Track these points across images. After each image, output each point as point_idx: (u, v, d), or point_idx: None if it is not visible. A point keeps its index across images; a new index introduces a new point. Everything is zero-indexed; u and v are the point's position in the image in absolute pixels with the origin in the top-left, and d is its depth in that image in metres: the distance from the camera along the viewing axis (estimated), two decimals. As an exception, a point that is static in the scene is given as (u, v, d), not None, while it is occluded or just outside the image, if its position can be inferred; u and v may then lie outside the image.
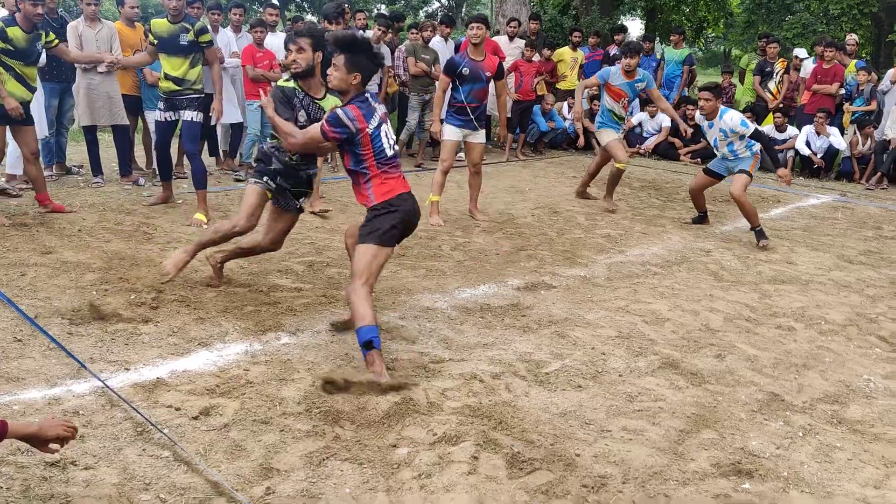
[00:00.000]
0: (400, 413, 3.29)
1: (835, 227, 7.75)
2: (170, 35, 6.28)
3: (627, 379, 3.81)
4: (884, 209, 8.84)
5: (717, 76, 13.31)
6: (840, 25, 15.70)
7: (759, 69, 11.65)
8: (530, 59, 10.85)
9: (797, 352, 4.30)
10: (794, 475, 3.00)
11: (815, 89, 10.92)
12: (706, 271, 5.82)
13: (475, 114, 6.86)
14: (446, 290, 5.00)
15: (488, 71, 6.82)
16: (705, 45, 31.64)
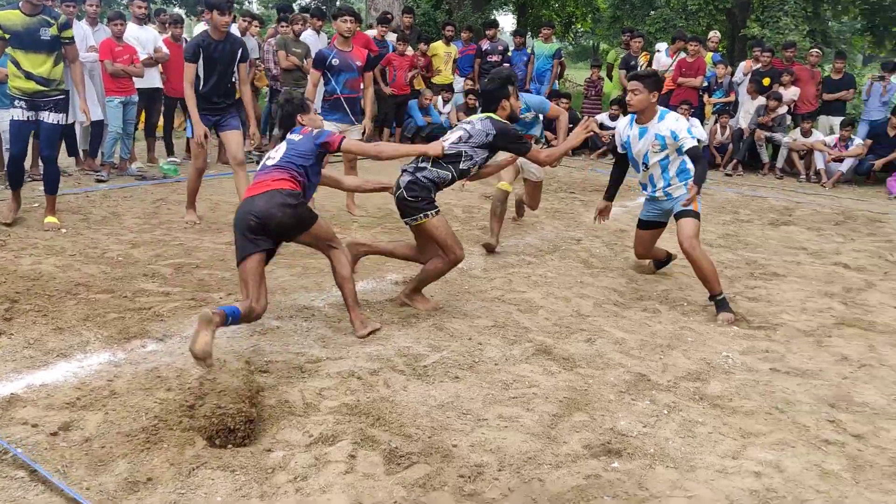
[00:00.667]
0: (274, 416, 3.22)
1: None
2: (26, 29, 5.71)
3: (503, 367, 3.88)
4: (740, 194, 9.40)
5: (587, 70, 13.73)
6: (698, 20, 16.57)
7: (624, 63, 12.11)
8: (403, 52, 10.86)
9: (662, 333, 4.51)
10: (659, 451, 3.14)
11: (681, 82, 11.46)
12: (577, 259, 6.01)
13: (350, 106, 6.79)
14: (323, 288, 4.94)
15: (358, 60, 6.78)
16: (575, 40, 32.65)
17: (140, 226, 6.24)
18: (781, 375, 3.97)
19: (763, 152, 11.07)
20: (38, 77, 5.82)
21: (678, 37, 11.93)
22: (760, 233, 7.33)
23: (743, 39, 16.59)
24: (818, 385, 3.87)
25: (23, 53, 5.75)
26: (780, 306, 5.12)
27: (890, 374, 4.09)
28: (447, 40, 12.18)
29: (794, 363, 4.15)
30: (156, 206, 6.97)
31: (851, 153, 10.49)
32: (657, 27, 16.90)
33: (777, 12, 15.74)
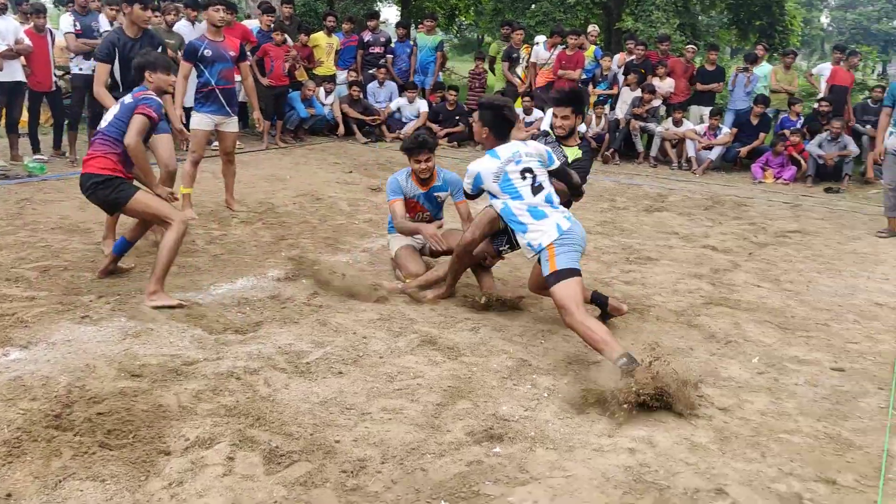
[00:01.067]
0: (148, 421, 3.09)
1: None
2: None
3: (388, 360, 3.88)
4: (617, 182, 9.74)
5: (472, 62, 13.87)
6: (576, 14, 17.03)
7: (506, 56, 12.32)
8: (280, 43, 10.63)
9: (543, 318, 4.61)
10: (540, 434, 3.21)
11: (561, 74, 11.74)
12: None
13: (226, 97, 6.56)
14: (201, 287, 4.78)
15: (232, 51, 6.55)
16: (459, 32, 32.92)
17: (3, 227, 5.85)
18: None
19: (638, 141, 11.51)
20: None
21: (556, 31, 12.22)
22: (635, 219, 7.62)
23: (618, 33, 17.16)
24: (688, 362, 4.06)
25: None
26: (653, 289, 5.34)
27: (753, 349, 4.34)
28: (329, 31, 12.02)
29: (666, 342, 4.34)
30: (20, 207, 6.55)
31: (719, 141, 11.06)
32: (537, 20, 17.26)
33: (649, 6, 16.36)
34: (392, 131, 12.04)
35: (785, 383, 3.90)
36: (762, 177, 10.52)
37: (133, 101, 4.52)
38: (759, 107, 11.07)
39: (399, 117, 12.21)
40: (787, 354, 4.28)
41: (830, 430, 3.43)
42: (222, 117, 6.59)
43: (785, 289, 5.53)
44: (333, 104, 11.76)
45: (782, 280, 5.75)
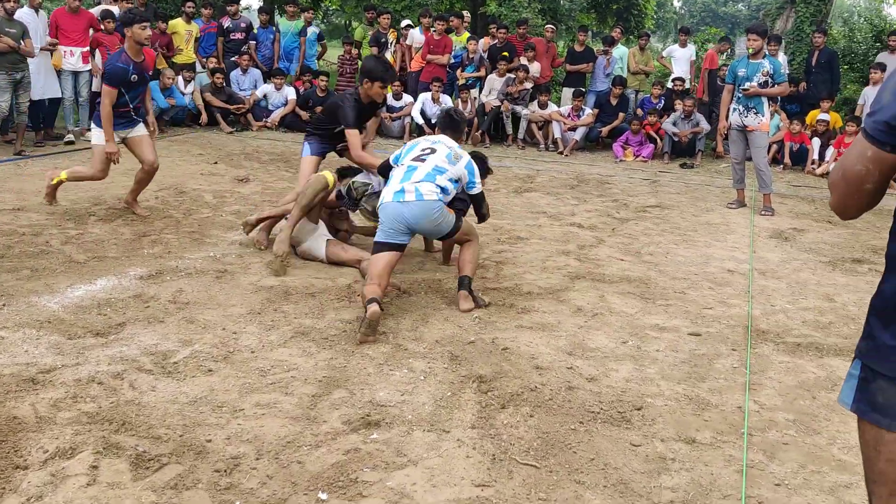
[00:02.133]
0: (2, 434, 2.90)
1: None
2: None
3: (260, 354, 3.80)
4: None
5: (340, 48, 13.69)
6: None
7: (374, 40, 12.23)
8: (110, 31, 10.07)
9: (417, 303, 4.64)
10: (416, 417, 3.24)
11: (430, 59, 11.79)
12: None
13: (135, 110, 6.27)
14: (56, 290, 4.51)
15: (149, 68, 6.23)
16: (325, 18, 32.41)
17: None
18: (525, 331, 4.26)
19: (508, 124, 11.75)
20: None
21: (424, 14, 12.27)
22: (506, 200, 7.79)
23: (483, 17, 17.41)
24: (558, 336, 4.21)
25: None
26: (524, 267, 5.48)
27: (618, 320, 4.54)
28: (188, 18, 11.56)
29: (536, 318, 4.47)
30: None
31: (583, 122, 11.45)
32: (403, 5, 17.26)
33: (511, -10, 16.68)
34: (258, 119, 11.74)
35: (647, 350, 4.10)
36: (623, 155, 10.99)
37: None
38: (618, 88, 11.54)
39: (265, 105, 11.92)
40: (649, 323, 4.51)
41: (689, 391, 3.64)
42: (132, 127, 6.29)
43: (645, 261, 5.81)
44: (194, 93, 11.34)
45: (643, 253, 6.04)
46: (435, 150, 4.64)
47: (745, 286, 5.33)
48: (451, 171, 4.57)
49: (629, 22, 20.25)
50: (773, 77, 7.62)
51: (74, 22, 9.57)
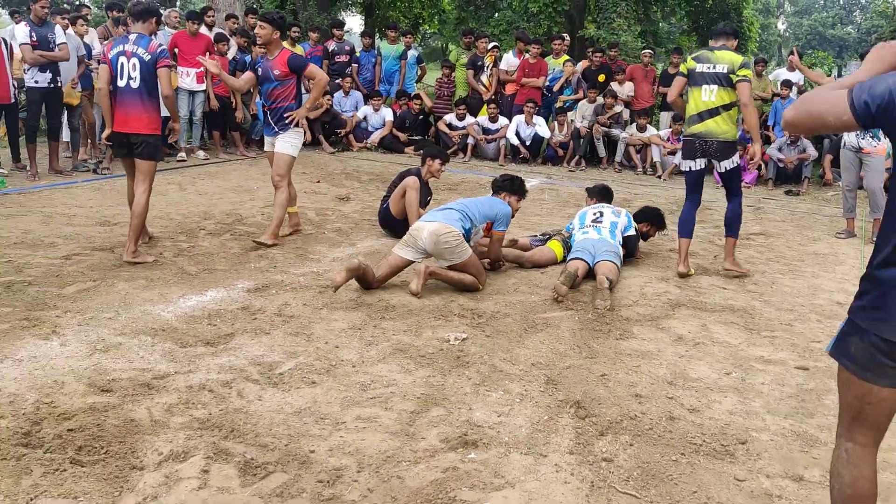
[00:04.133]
0: (120, 436, 3.06)
1: (542, 206, 8.50)
2: None
3: (361, 368, 3.88)
4: (583, 188, 9.82)
5: (438, 71, 13.90)
6: (539, 22, 17.21)
7: (471, 63, 12.39)
8: (223, 53, 10.54)
9: (512, 327, 4.65)
10: (513, 439, 3.24)
11: (524, 83, 11.85)
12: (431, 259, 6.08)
13: (273, 117, 6.25)
14: (170, 300, 4.74)
15: (277, 69, 6.14)
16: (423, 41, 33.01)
17: (-38, 243, 5.75)
18: (624, 357, 4.20)
19: (600, 147, 11.64)
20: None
21: (519, 38, 12.34)
22: (603, 224, 7.70)
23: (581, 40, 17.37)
24: (658, 364, 4.13)
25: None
26: (622, 293, 5.41)
27: (721, 350, 4.42)
28: (292, 41, 11.98)
29: (635, 345, 4.40)
30: (-20, 222, 6.44)
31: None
32: (500, 29, 17.41)
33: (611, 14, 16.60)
34: (359, 140, 12.04)
35: (752, 383, 3.97)
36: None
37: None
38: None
39: (365, 126, 12.21)
40: (754, 354, 4.37)
41: (797, 427, 3.50)
42: (270, 136, 6.41)
43: (749, 290, 5.64)
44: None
45: (746, 282, 5.86)
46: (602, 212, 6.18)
47: (856, 320, 5.09)
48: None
49: (732, 45, 19.78)
50: None
51: (193, 44, 10.09)
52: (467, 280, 5.20)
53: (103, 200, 7.49)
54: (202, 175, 9.29)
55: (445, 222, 5.14)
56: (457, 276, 5.19)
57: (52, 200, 7.37)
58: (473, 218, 5.36)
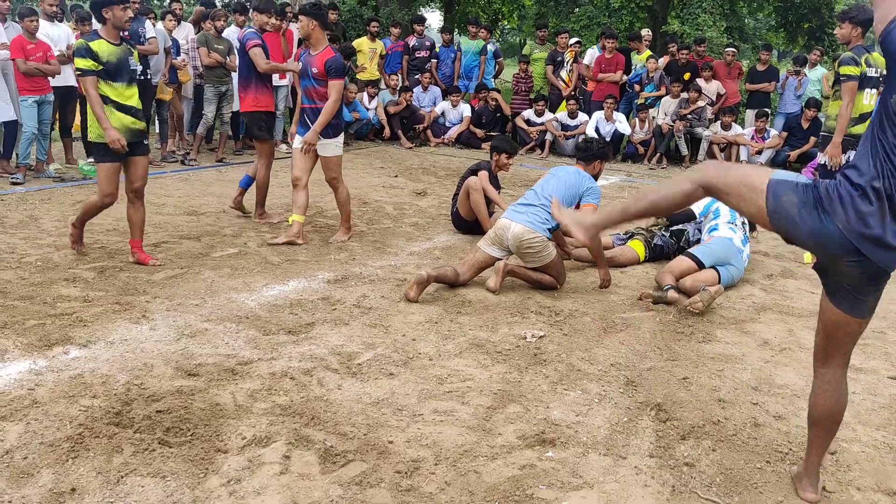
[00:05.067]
0: (205, 419, 3.15)
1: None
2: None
3: (438, 362, 3.89)
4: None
5: (515, 66, 13.84)
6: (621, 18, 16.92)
7: (550, 59, 12.28)
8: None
9: (591, 326, 4.59)
10: (592, 439, 3.20)
11: (601, 78, 11.69)
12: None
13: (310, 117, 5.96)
14: (253, 289, 4.86)
15: (315, 67, 5.86)
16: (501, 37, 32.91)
17: (59, 229, 6.02)
18: (707, 361, 4.10)
19: (682, 144, 11.37)
20: None
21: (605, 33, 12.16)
22: (684, 224, 7.51)
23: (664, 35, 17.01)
24: (742, 369, 4.01)
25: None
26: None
27: (809, 357, 4.25)
28: (372, 36, 12.12)
29: (718, 349, 4.28)
30: (75, 209, 6.72)
31: (769, 144, 10.90)
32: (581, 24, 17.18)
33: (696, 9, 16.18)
34: (437, 136, 12.09)
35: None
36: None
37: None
38: (811, 111, 10.87)
39: (443, 122, 12.25)
40: (844, 362, 4.19)
41: (889, 439, 3.35)
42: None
43: (839, 296, 5.41)
44: (377, 108, 11.85)
45: (836, 287, 5.63)
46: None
47: (956, 330, 4.84)
48: None
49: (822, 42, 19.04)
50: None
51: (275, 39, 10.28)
52: (546, 280, 5.16)
53: (191, 191, 7.73)
54: (284, 168, 9.48)
55: (531, 227, 4.98)
56: (536, 275, 5.15)
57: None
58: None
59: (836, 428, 2.81)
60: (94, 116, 4.98)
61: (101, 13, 4.99)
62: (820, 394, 2.77)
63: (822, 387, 2.76)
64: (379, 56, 12.19)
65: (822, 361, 2.76)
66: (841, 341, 2.70)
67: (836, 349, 2.72)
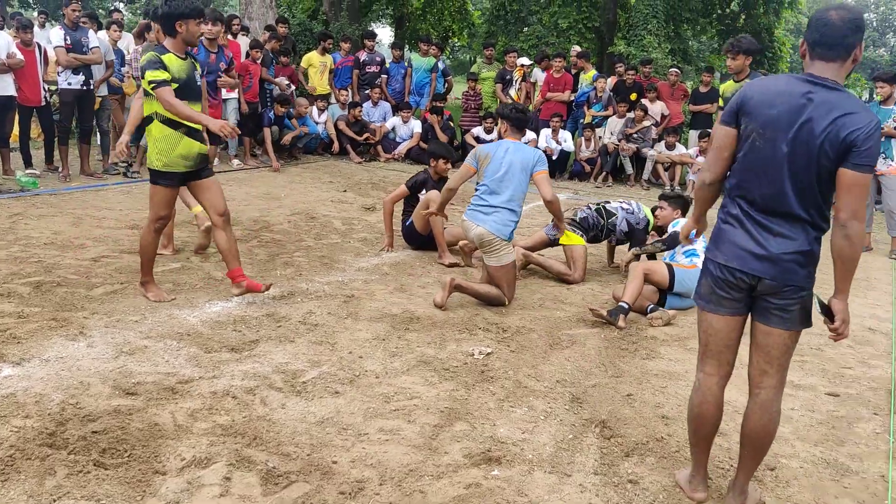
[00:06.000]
0: (143, 440, 3.06)
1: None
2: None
3: (384, 380, 3.86)
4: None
5: (464, 84, 13.94)
6: (568, 38, 17.21)
7: (500, 77, 12.40)
8: (256, 60, 10.62)
9: (537, 342, 4.61)
10: (537, 457, 3.20)
11: (549, 97, 11.85)
12: (458, 270, 6.06)
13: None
14: (196, 305, 4.75)
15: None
16: (451, 54, 33.14)
17: (-7, 242, 5.82)
18: (650, 377, 4.14)
19: (627, 163, 11.57)
20: None
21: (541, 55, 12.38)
22: (630, 241, 7.63)
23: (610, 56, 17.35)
24: (685, 385, 4.07)
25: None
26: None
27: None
28: (323, 50, 12.08)
29: (662, 366, 4.34)
30: (12, 222, 6.52)
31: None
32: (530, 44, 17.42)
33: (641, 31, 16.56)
34: (387, 151, 12.07)
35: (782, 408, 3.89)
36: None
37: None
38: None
39: (393, 137, 12.25)
40: (783, 379, 4.28)
41: (827, 455, 3.43)
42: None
43: (778, 313, 5.54)
44: (327, 122, 11.78)
45: (776, 304, 5.76)
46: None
47: (887, 346, 5.00)
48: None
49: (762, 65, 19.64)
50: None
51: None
52: (493, 293, 5.18)
53: (133, 204, 7.56)
54: (231, 181, 9.35)
55: (492, 230, 5.15)
56: (484, 289, 5.17)
57: (83, 202, 7.45)
58: (520, 201, 5.33)
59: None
60: (156, 143, 4.60)
61: (173, 26, 4.55)
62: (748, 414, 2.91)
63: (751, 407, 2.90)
64: (329, 70, 12.15)
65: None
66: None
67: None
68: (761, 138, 2.61)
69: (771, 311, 2.71)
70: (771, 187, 2.62)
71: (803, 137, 2.54)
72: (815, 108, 2.53)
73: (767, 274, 2.66)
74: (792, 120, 2.55)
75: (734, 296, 2.75)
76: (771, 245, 2.66)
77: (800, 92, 2.57)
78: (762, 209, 2.66)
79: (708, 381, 2.90)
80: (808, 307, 2.74)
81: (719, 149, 2.76)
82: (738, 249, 2.70)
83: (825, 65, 2.60)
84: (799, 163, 2.56)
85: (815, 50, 2.61)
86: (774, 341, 2.75)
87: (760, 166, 2.63)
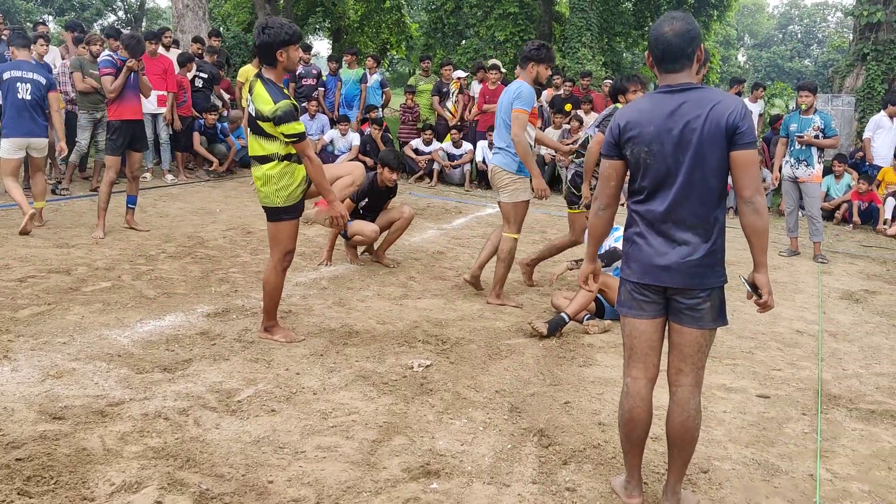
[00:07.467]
0: (71, 465, 2.96)
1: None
2: None
3: (322, 396, 3.82)
4: (548, 214, 9.91)
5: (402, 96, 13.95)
6: (506, 51, 17.40)
7: (436, 90, 12.46)
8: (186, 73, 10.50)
9: (476, 353, 4.62)
10: (476, 468, 3.20)
11: (485, 109, 11.93)
12: (397, 283, 6.05)
13: None
14: (127, 325, 4.63)
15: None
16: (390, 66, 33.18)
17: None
18: (587, 385, 4.19)
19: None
20: None
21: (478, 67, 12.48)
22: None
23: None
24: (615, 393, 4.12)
25: None
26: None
27: (682, 377, 4.43)
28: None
29: (598, 373, 4.40)
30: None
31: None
32: (468, 56, 17.56)
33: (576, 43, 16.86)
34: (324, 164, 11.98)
35: (714, 411, 3.99)
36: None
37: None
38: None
39: (332, 150, 12.17)
40: (715, 382, 4.39)
41: (759, 456, 3.52)
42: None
43: (711, 318, 5.67)
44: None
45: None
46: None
47: (814, 348, 5.17)
48: None
49: (693, 76, 20.17)
50: (823, 132, 8.02)
51: (151, 65, 9.98)
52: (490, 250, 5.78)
53: (61, 222, 7.34)
54: (164, 197, 9.17)
55: (500, 164, 5.63)
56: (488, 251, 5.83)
57: (8, 221, 7.20)
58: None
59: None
60: (277, 181, 4.30)
61: (273, 55, 4.22)
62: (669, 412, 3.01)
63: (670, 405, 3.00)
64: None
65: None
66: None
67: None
68: (651, 156, 2.72)
69: (682, 311, 2.81)
70: (670, 198, 2.72)
71: (688, 138, 2.66)
72: (689, 109, 2.67)
73: (678, 283, 2.76)
74: (671, 128, 2.68)
75: (653, 298, 2.84)
76: (676, 254, 2.75)
77: (668, 101, 2.71)
78: (663, 220, 2.75)
79: (636, 385, 2.96)
80: (718, 305, 2.85)
81: (606, 178, 2.89)
82: (647, 266, 2.79)
83: (676, 75, 2.75)
84: (692, 163, 2.68)
85: (661, 66, 2.77)
86: (687, 340, 2.84)
87: (658, 181, 2.74)
